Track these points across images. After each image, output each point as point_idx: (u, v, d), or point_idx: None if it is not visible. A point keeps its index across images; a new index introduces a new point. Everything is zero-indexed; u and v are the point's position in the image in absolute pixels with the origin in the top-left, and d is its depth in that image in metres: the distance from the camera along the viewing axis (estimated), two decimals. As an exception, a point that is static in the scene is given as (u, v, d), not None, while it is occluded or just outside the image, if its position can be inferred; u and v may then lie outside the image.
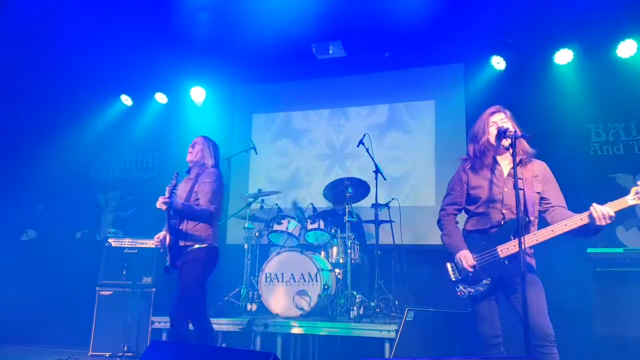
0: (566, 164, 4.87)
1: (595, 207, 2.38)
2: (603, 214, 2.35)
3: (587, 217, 2.41)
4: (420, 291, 5.18)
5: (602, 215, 2.36)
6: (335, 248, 5.03)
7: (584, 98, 5.33)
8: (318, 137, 6.52)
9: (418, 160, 6.06)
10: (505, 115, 2.76)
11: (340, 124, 6.46)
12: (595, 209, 2.37)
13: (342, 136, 6.41)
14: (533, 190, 2.65)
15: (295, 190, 6.42)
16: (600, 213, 2.36)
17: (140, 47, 5.83)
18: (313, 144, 6.53)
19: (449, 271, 2.77)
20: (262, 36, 5.46)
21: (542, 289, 2.58)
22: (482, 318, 2.66)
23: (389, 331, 3.82)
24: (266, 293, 4.52)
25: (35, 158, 7.00)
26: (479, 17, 5.15)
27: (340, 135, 6.43)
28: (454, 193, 2.86)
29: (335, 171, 6.31)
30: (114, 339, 4.95)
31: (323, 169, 6.40)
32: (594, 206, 2.39)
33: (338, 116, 6.49)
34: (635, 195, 2.37)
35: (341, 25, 5.54)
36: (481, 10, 5.06)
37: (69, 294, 5.86)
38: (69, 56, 5.97)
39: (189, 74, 6.54)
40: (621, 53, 5.18)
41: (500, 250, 2.59)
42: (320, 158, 6.46)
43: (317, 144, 6.51)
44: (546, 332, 2.44)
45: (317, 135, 6.53)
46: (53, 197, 6.95)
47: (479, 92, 5.72)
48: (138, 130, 6.88)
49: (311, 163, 6.47)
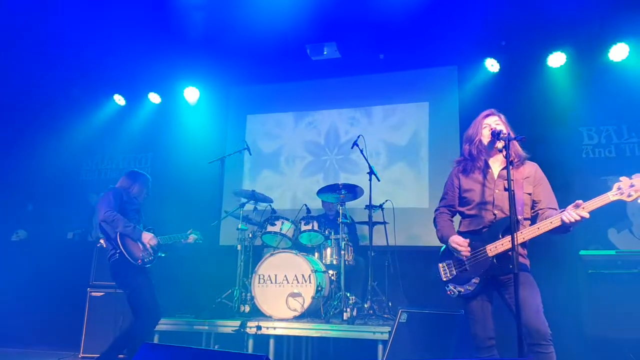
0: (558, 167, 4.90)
1: (565, 214, 2.41)
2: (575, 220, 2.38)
3: (559, 220, 2.43)
4: (414, 293, 5.19)
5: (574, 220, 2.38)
6: (329, 249, 5.02)
7: (577, 101, 5.37)
8: (312, 138, 6.52)
9: (412, 162, 6.07)
10: (500, 118, 2.81)
11: (335, 126, 6.46)
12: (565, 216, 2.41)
13: (337, 137, 6.41)
14: (523, 191, 2.69)
15: (289, 192, 6.40)
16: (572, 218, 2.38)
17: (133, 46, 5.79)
18: (307, 145, 6.52)
19: (440, 271, 2.81)
20: (257, 37, 5.44)
21: (537, 289, 2.59)
22: (474, 319, 2.68)
23: (382, 333, 3.82)
24: (259, 294, 4.50)
25: (26, 157, 6.94)
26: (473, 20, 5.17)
27: (335, 136, 6.42)
28: (447, 197, 2.93)
29: (329, 172, 6.31)
30: (105, 340, 4.86)
31: (317, 170, 6.39)
32: (564, 214, 2.42)
33: (332, 118, 6.49)
34: (617, 191, 2.38)
35: (336, 27, 5.53)
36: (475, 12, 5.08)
37: (60, 295, 5.79)
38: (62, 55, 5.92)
39: (182, 74, 6.51)
40: (613, 56, 5.23)
41: (489, 249, 2.61)
42: (315, 159, 6.45)
43: (311, 145, 6.50)
44: (542, 331, 2.44)
45: (311, 136, 6.52)
46: (44, 197, 6.89)
47: (472, 95, 5.75)
48: (131, 131, 6.84)
49: (305, 164, 6.47)
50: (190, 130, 6.68)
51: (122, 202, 3.90)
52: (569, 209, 2.42)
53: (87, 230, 6.83)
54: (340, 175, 6.23)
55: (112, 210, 3.76)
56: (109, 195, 3.86)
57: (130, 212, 3.92)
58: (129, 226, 3.79)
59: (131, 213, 3.92)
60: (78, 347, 4.95)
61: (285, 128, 6.66)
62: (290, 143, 6.59)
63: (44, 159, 6.87)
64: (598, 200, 2.40)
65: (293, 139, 6.59)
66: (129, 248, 3.78)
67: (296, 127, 6.61)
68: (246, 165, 6.67)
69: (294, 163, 6.52)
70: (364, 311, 4.50)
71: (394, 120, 6.25)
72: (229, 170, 6.63)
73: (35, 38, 5.73)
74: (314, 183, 6.19)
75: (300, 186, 6.40)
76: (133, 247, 3.81)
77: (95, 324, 4.97)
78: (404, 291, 5.22)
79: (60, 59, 6.07)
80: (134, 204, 4.00)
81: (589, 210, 2.39)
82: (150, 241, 3.87)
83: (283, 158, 6.57)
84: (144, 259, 3.82)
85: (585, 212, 2.38)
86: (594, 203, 2.40)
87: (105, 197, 3.86)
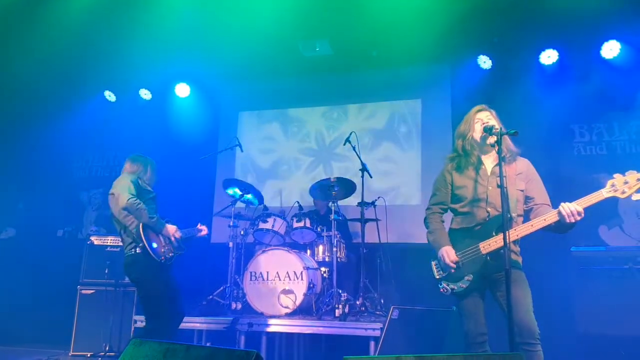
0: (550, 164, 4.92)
1: (563, 205, 2.42)
2: (571, 211, 2.39)
3: (557, 214, 2.44)
4: (406, 289, 5.19)
5: (570, 212, 2.40)
6: (321, 246, 5.01)
7: (569, 98, 5.39)
8: (304, 135, 6.50)
9: (404, 159, 6.06)
10: (491, 113, 2.81)
11: (327, 123, 6.44)
12: (563, 207, 2.42)
13: (329, 134, 6.40)
14: (516, 187, 2.68)
15: (281, 188, 6.38)
16: (569, 210, 2.40)
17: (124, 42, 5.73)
18: (299, 142, 6.50)
19: (433, 269, 2.80)
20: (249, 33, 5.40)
21: (528, 288, 2.60)
22: (466, 316, 2.67)
23: (374, 329, 3.81)
24: (251, 291, 4.48)
25: (15, 155, 6.86)
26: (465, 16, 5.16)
27: (327, 133, 6.41)
28: (439, 194, 2.90)
29: (322, 169, 6.29)
30: (96, 338, 4.87)
31: (309, 167, 6.38)
32: (562, 205, 2.43)
33: (324, 114, 6.48)
34: (610, 188, 2.39)
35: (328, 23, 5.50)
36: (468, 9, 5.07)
37: (50, 292, 5.75)
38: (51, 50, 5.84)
39: (173, 71, 6.45)
40: (605, 54, 5.25)
41: (482, 247, 2.60)
42: (307, 156, 6.43)
43: (303, 142, 6.48)
44: (531, 329, 2.45)
45: (304, 133, 6.50)
46: (34, 195, 6.82)
47: (465, 92, 5.74)
48: (122, 127, 6.77)
49: (297, 161, 6.45)
50: (181, 127, 6.63)
51: (140, 185, 3.47)
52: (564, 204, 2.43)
53: (77, 227, 6.78)
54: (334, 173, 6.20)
55: (135, 197, 3.31)
56: (126, 180, 3.40)
57: (147, 201, 3.47)
58: (153, 217, 3.40)
59: (148, 202, 3.47)
60: (68, 345, 4.92)
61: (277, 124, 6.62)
62: (282, 142, 6.56)
63: (34, 156, 6.80)
64: (592, 197, 2.41)
65: (285, 137, 6.56)
66: (153, 242, 3.39)
67: (288, 125, 6.58)
68: (238, 162, 6.63)
69: (286, 161, 6.50)
70: (356, 308, 4.49)
71: (386, 117, 6.24)
72: (221, 166, 6.61)
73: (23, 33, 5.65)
74: (306, 179, 6.16)
75: (293, 183, 6.37)
76: (156, 241, 3.43)
77: (85, 322, 4.95)
78: (395, 288, 5.22)
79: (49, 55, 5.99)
80: (149, 192, 3.55)
81: (582, 207, 2.39)
82: (175, 233, 3.54)
83: (275, 156, 6.55)
84: (167, 255, 3.45)
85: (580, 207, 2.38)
86: (588, 200, 2.40)
87: (121, 182, 3.40)
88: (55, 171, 6.93)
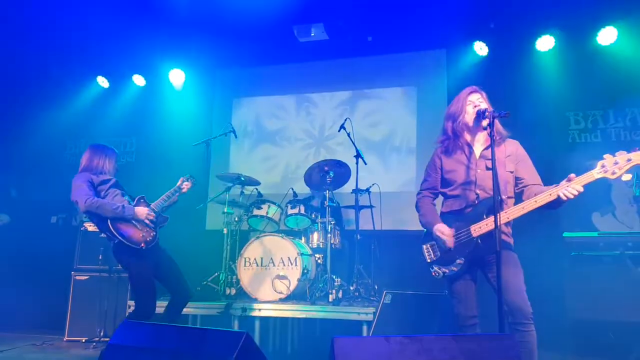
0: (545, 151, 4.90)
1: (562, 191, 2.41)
2: (571, 192, 2.39)
3: (556, 194, 2.43)
4: (399, 276, 5.20)
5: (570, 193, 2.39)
6: (315, 233, 5.01)
7: (564, 85, 5.37)
8: (299, 121, 6.47)
9: (399, 145, 6.06)
10: (482, 96, 2.81)
11: (322, 109, 6.41)
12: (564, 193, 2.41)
13: (323, 120, 6.37)
14: (506, 169, 2.68)
15: (275, 175, 6.37)
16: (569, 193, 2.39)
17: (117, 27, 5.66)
18: (294, 128, 6.47)
19: (424, 253, 2.80)
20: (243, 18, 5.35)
21: (520, 268, 2.60)
22: (457, 299, 2.68)
23: (367, 314, 3.83)
24: (245, 277, 4.49)
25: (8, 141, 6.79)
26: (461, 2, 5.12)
27: (322, 119, 6.38)
28: (429, 179, 2.90)
29: (316, 155, 6.27)
30: (90, 324, 4.89)
31: (304, 154, 6.36)
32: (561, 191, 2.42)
33: (319, 100, 6.44)
34: (601, 168, 2.40)
35: (323, 8, 5.45)
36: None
37: (44, 279, 5.75)
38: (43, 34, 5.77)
39: (167, 56, 6.39)
40: (602, 40, 5.22)
41: (473, 229, 2.60)
42: (301, 143, 6.41)
43: (298, 129, 6.46)
44: (524, 309, 2.46)
45: (298, 119, 6.47)
46: (27, 182, 6.77)
47: (461, 78, 5.71)
48: (115, 114, 6.71)
49: (292, 148, 6.43)
50: (175, 114, 6.58)
51: (94, 183, 3.46)
52: (563, 184, 2.42)
53: (71, 214, 6.76)
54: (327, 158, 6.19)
55: (91, 197, 3.33)
56: (78, 182, 3.41)
57: (109, 189, 3.49)
58: (116, 208, 3.36)
59: (110, 191, 3.48)
60: (63, 331, 4.93)
61: (273, 112, 6.59)
62: (278, 127, 6.53)
63: (27, 143, 6.73)
64: (583, 178, 2.42)
65: (280, 123, 6.53)
66: (126, 233, 3.36)
67: (284, 111, 6.55)
68: (232, 148, 6.60)
69: (280, 147, 6.48)
70: (349, 293, 4.52)
71: (381, 104, 6.22)
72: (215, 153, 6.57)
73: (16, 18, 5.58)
74: (300, 166, 6.15)
75: (287, 169, 6.36)
76: (129, 230, 3.38)
77: (79, 308, 4.97)
78: (389, 274, 5.24)
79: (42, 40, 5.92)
80: (108, 180, 3.54)
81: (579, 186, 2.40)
82: (148, 216, 3.46)
83: (269, 142, 6.52)
84: (146, 239, 3.42)
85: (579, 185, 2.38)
86: (579, 181, 2.41)
87: (75, 186, 3.40)
88: (48, 157, 6.87)
